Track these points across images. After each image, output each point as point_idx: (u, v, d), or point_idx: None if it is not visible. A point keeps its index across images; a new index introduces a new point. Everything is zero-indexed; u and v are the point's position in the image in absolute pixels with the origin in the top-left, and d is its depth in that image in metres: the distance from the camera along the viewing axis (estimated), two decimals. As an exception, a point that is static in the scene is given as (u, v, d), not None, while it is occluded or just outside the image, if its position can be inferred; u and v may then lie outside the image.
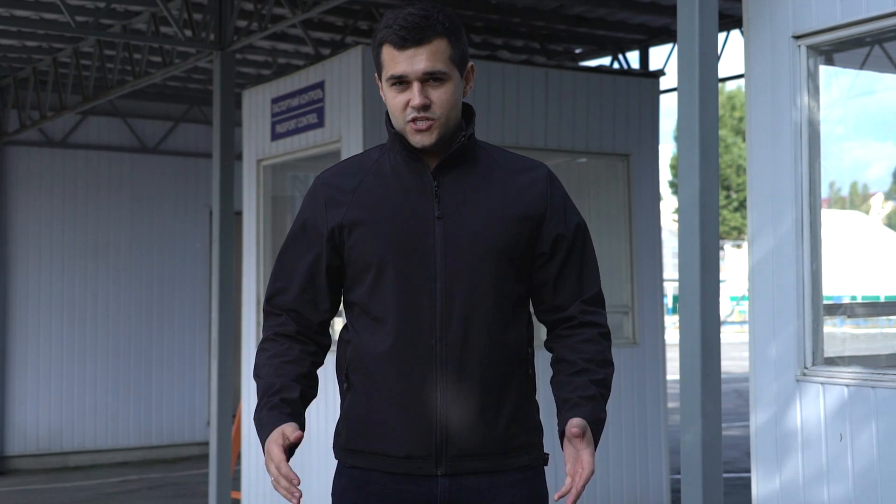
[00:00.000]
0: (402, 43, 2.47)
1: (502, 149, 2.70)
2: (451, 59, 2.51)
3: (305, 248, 2.60)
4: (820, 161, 4.90)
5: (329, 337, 2.67)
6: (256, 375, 2.60)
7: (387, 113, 2.66)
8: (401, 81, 2.49)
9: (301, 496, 2.37)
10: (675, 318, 18.29)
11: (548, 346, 2.65)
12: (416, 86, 2.48)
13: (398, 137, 2.58)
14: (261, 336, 2.70)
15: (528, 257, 2.58)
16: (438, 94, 2.50)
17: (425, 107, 2.48)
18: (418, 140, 2.51)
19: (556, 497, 2.45)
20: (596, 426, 2.48)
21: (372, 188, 2.57)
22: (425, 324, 2.50)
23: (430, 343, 2.50)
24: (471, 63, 2.61)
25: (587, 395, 2.50)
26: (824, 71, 4.99)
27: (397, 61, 2.48)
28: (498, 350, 2.53)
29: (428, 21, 2.48)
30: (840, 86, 5.52)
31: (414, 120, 2.49)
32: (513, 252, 2.55)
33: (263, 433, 2.47)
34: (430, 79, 2.48)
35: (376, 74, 2.61)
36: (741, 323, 38.35)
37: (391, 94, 2.52)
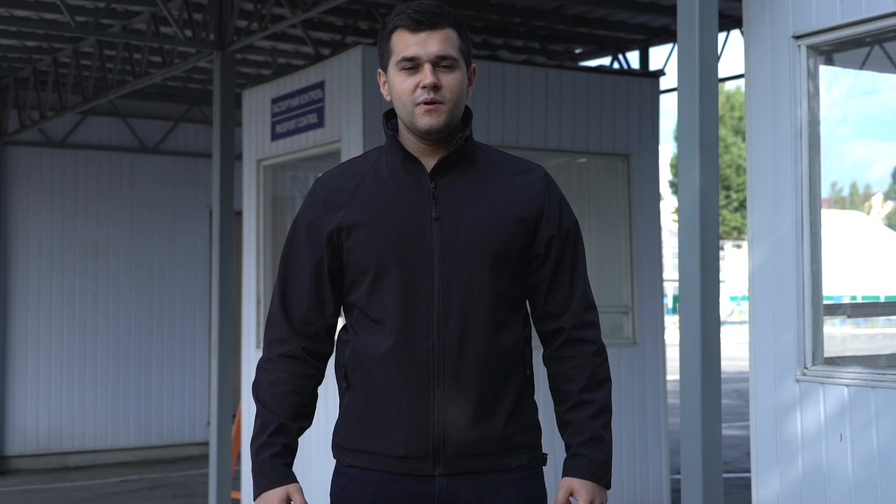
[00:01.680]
0: (416, 26, 2.51)
1: (499, 150, 2.71)
2: (461, 51, 2.56)
3: (308, 251, 2.61)
4: (820, 161, 4.90)
5: (332, 345, 2.68)
6: (257, 397, 2.62)
7: (385, 115, 2.67)
8: (412, 65, 2.52)
9: None
10: (675, 318, 18.29)
11: (544, 363, 2.67)
12: (427, 67, 2.51)
13: (395, 139, 2.59)
14: (261, 337, 2.72)
15: (525, 259, 2.59)
16: (448, 80, 2.53)
17: (436, 87, 2.51)
18: (426, 122, 2.51)
19: None
20: (599, 467, 2.55)
21: (370, 190, 2.58)
22: (423, 324, 2.51)
23: (429, 344, 2.51)
24: (473, 65, 2.64)
25: (585, 439, 2.56)
26: (824, 71, 4.99)
27: (409, 44, 2.52)
28: (495, 350, 2.54)
29: (441, 10, 2.55)
30: (840, 86, 5.52)
31: (424, 101, 2.50)
32: (509, 253, 2.56)
33: (263, 479, 2.53)
34: (440, 63, 2.52)
35: (380, 70, 2.62)
36: (741, 323, 38.37)
37: (400, 78, 2.53)
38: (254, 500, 2.56)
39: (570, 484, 2.55)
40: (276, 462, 2.54)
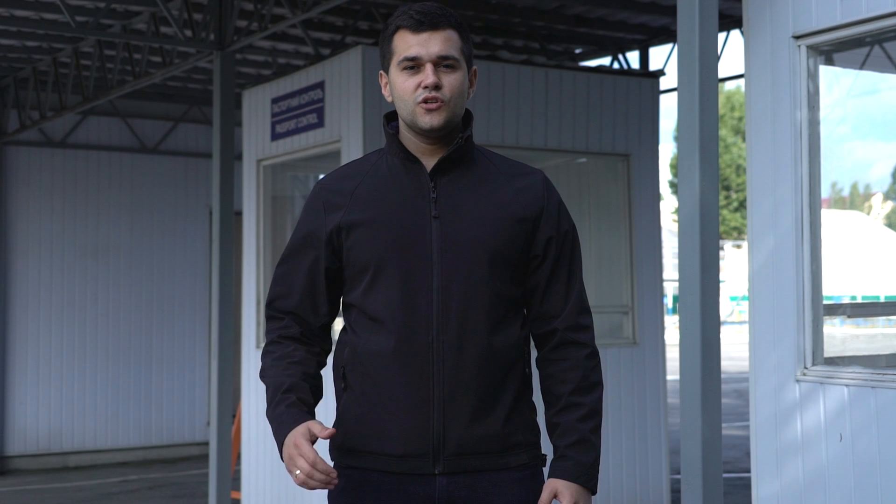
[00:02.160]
0: (418, 26, 2.53)
1: (499, 154, 2.73)
2: (462, 52, 2.57)
3: (305, 252, 2.63)
4: (820, 161, 4.90)
5: (330, 341, 2.69)
6: (263, 376, 2.61)
7: (385, 116, 2.68)
8: (414, 65, 2.53)
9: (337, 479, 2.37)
10: (675, 318, 18.31)
11: (537, 366, 2.67)
12: (429, 67, 2.52)
13: (395, 139, 2.60)
14: (261, 337, 2.72)
15: (524, 260, 2.60)
16: (449, 80, 2.54)
17: (437, 86, 2.52)
18: (427, 120, 2.53)
19: None
20: (585, 469, 2.54)
21: (370, 190, 2.59)
22: (422, 323, 2.51)
23: (428, 342, 2.51)
24: (475, 67, 2.65)
25: (572, 441, 2.55)
26: (825, 71, 4.99)
27: (411, 44, 2.53)
28: (494, 349, 2.54)
29: (442, 11, 2.57)
30: (841, 86, 5.52)
31: (425, 100, 2.51)
32: (508, 253, 2.56)
33: (284, 429, 2.45)
34: (442, 64, 2.53)
35: (381, 72, 2.63)
36: (741, 323, 38.37)
37: (401, 78, 2.55)
38: (281, 458, 2.45)
39: (554, 485, 2.55)
40: (292, 410, 2.47)
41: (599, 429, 2.60)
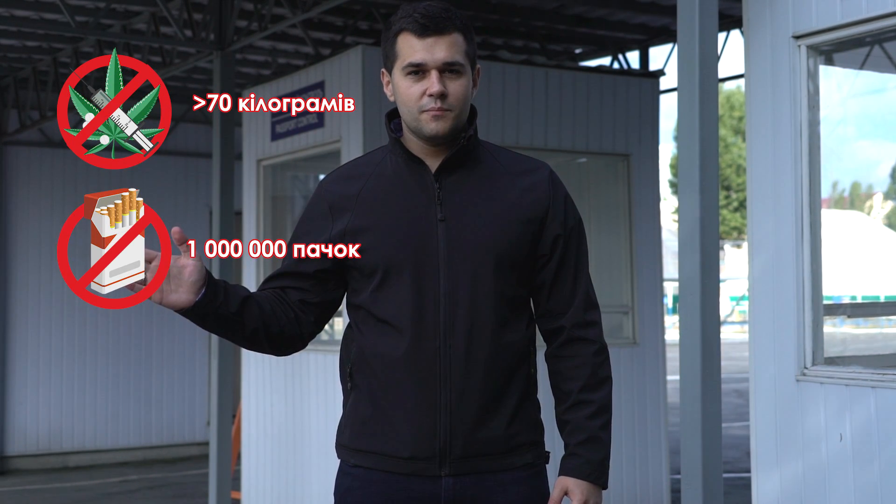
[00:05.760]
0: (424, 31, 2.47)
1: (504, 148, 2.70)
2: (467, 54, 2.53)
3: (303, 240, 2.60)
4: (820, 161, 4.90)
5: (310, 322, 2.61)
6: None
7: (387, 115, 2.65)
8: (418, 70, 2.48)
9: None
10: (675, 318, 18.29)
11: (546, 360, 2.67)
12: (434, 74, 2.47)
13: (398, 141, 2.58)
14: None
15: (531, 259, 2.59)
16: (455, 87, 2.50)
17: (443, 95, 2.48)
18: (433, 127, 2.49)
19: None
20: (595, 467, 2.54)
21: (375, 192, 2.57)
22: (430, 326, 2.50)
23: (435, 345, 2.50)
24: (478, 66, 2.62)
25: (582, 439, 2.55)
26: (825, 71, 4.99)
27: (416, 49, 2.48)
28: (501, 350, 2.54)
29: (448, 14, 2.51)
30: (841, 86, 5.52)
31: (430, 109, 2.48)
32: (515, 255, 2.55)
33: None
34: (447, 70, 2.49)
35: (383, 70, 2.60)
36: (741, 323, 38.34)
37: (406, 83, 2.50)
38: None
39: (565, 483, 2.55)
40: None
41: (609, 425, 2.60)
